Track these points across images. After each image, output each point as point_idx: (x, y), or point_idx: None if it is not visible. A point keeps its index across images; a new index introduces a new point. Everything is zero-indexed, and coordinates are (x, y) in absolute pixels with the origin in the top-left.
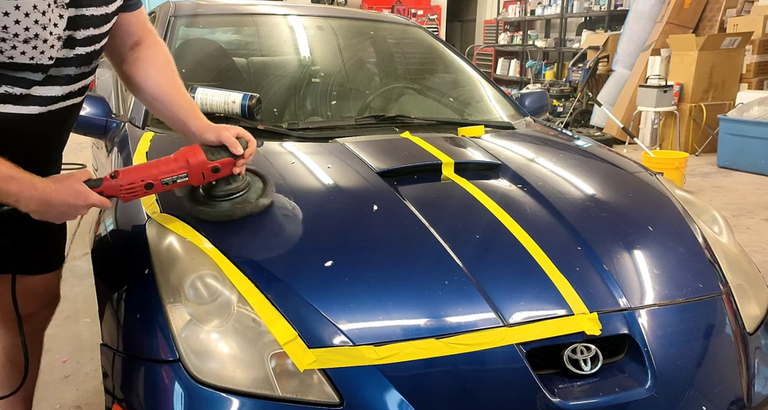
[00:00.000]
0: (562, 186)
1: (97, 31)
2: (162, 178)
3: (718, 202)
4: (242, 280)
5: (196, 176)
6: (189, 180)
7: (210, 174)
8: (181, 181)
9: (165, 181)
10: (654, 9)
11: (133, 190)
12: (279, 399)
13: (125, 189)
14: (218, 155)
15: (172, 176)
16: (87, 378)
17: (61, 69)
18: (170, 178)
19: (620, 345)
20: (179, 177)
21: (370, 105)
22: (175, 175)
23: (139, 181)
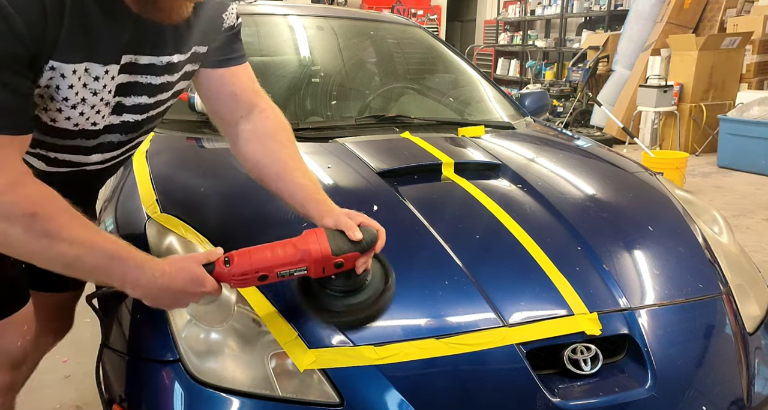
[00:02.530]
0: (562, 186)
1: (151, 100)
2: (278, 271)
3: (718, 202)
4: None
5: (316, 270)
6: (307, 273)
7: (331, 269)
8: (299, 273)
9: (281, 273)
10: (654, 9)
11: (245, 281)
12: (279, 399)
13: (237, 279)
14: (345, 247)
15: (290, 269)
16: (87, 378)
17: (106, 136)
18: (287, 271)
19: (620, 345)
20: (297, 270)
21: (370, 105)
22: (294, 268)
23: (254, 271)
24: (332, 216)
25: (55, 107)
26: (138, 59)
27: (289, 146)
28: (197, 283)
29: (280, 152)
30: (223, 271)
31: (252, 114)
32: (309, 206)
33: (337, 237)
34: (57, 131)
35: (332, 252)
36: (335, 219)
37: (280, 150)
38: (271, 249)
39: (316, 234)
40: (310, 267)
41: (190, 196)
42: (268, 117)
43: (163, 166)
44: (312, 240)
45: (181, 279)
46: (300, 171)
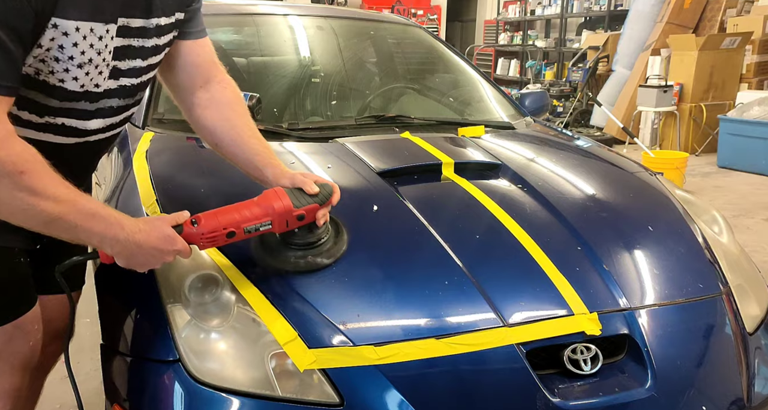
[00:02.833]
0: (562, 186)
1: (144, 63)
2: (245, 226)
3: (718, 202)
4: (242, 280)
5: (280, 223)
6: (272, 227)
7: (294, 221)
8: (264, 228)
9: (248, 229)
10: (654, 9)
11: (213, 239)
12: (279, 399)
13: (206, 237)
14: (303, 201)
15: (256, 224)
16: (87, 378)
17: (106, 101)
18: (253, 226)
19: (620, 345)
20: (262, 225)
21: (370, 105)
22: (259, 223)
23: (221, 228)
24: (287, 177)
25: (62, 68)
26: (130, 22)
27: (245, 116)
28: (169, 241)
29: (238, 120)
30: (192, 231)
31: (210, 84)
32: (265, 170)
33: (295, 193)
34: (64, 93)
35: (293, 205)
36: (291, 179)
37: (238, 118)
38: (236, 209)
39: (276, 192)
40: (274, 221)
41: (190, 196)
42: (225, 88)
43: (163, 166)
44: (273, 196)
45: (155, 236)
46: (256, 138)
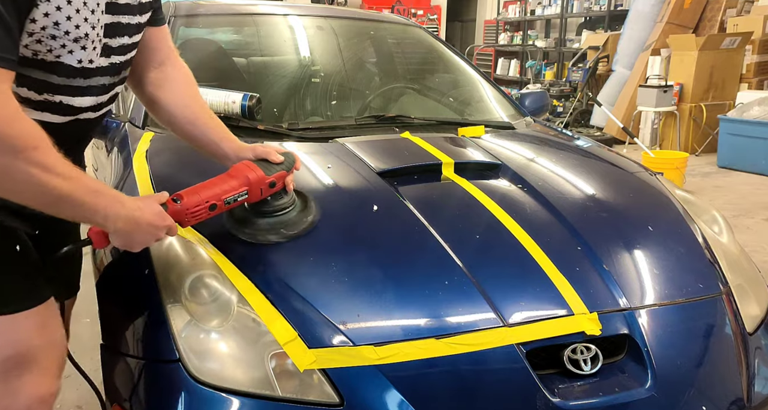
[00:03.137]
0: (562, 186)
1: (130, 41)
2: (225, 198)
3: (718, 201)
4: (242, 280)
5: (254, 192)
6: (248, 197)
7: (267, 189)
8: (242, 198)
9: (227, 200)
10: (654, 9)
11: (197, 213)
12: (279, 399)
13: (191, 213)
14: (273, 169)
15: (234, 194)
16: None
17: (98, 78)
18: (232, 197)
19: (620, 345)
20: (240, 195)
21: (370, 105)
22: (237, 193)
23: (204, 202)
24: (247, 149)
25: (59, 44)
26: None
27: (197, 95)
28: (161, 217)
29: (191, 99)
30: (177, 208)
31: (165, 65)
32: (223, 144)
33: (262, 163)
34: (63, 69)
35: (265, 174)
36: (252, 151)
37: (191, 97)
38: (214, 184)
39: (246, 164)
40: (250, 191)
41: None
42: (180, 69)
43: (163, 166)
44: (244, 168)
45: (149, 213)
46: (209, 115)
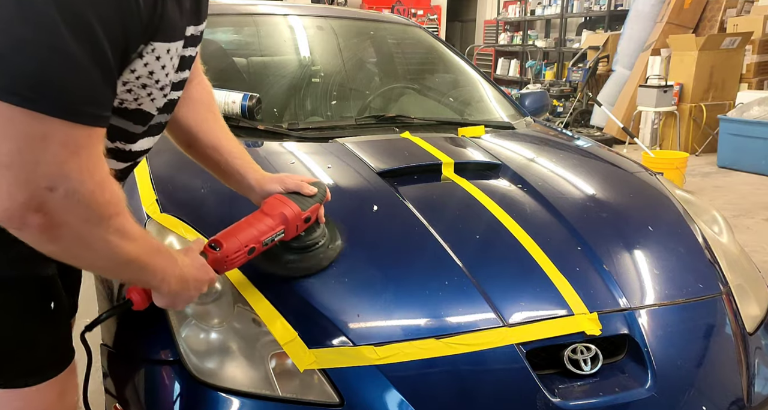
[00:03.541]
0: (562, 186)
1: (188, 74)
2: (263, 239)
3: (718, 202)
4: (242, 280)
5: (291, 230)
6: (284, 235)
7: (302, 225)
8: (279, 237)
9: (265, 241)
10: (654, 9)
11: (237, 259)
12: (279, 399)
13: (230, 259)
14: (307, 203)
15: (272, 235)
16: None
17: (158, 116)
18: (270, 238)
19: (620, 345)
20: (277, 234)
21: (370, 105)
22: (274, 233)
23: (243, 247)
24: (275, 181)
25: (146, 92)
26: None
27: (221, 119)
28: (205, 271)
29: (215, 123)
30: (217, 256)
31: (190, 83)
32: (248, 175)
33: (296, 196)
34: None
35: (300, 209)
36: (280, 183)
37: (215, 120)
38: (248, 224)
39: (279, 200)
40: (286, 229)
41: (190, 196)
42: (204, 88)
43: (163, 166)
44: (279, 204)
45: (196, 268)
46: (234, 142)
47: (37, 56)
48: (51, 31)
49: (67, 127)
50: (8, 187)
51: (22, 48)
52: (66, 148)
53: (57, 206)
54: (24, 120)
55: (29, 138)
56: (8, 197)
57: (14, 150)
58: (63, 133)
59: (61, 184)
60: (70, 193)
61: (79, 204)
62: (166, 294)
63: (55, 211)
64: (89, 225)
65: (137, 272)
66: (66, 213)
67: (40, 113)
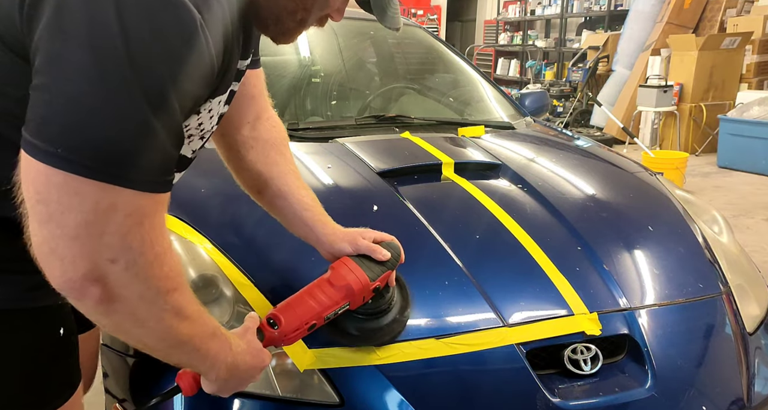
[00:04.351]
0: (562, 186)
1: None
2: (326, 315)
3: (718, 202)
4: (242, 280)
5: (357, 302)
6: (350, 307)
7: (370, 295)
8: (343, 310)
9: (328, 316)
10: (654, 9)
11: (295, 337)
12: (279, 400)
13: (289, 338)
14: (377, 270)
15: (336, 309)
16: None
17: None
18: (333, 312)
19: (620, 345)
20: (341, 308)
21: (370, 105)
22: (339, 307)
23: (304, 325)
24: (346, 239)
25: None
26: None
27: (291, 161)
28: (260, 358)
29: (285, 167)
30: (274, 335)
31: (259, 121)
32: (315, 228)
33: (366, 263)
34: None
35: (370, 280)
36: (351, 243)
37: (286, 164)
38: (311, 296)
39: (347, 266)
40: (352, 302)
41: (190, 196)
42: (274, 126)
43: None
44: (347, 273)
45: (251, 355)
46: (304, 189)
47: (112, 125)
48: (128, 98)
49: (134, 197)
50: (73, 258)
51: (96, 116)
52: (131, 218)
53: (116, 279)
54: (94, 191)
55: (98, 210)
56: (72, 268)
57: (81, 222)
58: (130, 202)
59: (122, 256)
60: (130, 265)
61: (137, 277)
62: (214, 381)
63: (113, 285)
64: (145, 301)
65: (187, 355)
66: (123, 288)
67: (112, 185)
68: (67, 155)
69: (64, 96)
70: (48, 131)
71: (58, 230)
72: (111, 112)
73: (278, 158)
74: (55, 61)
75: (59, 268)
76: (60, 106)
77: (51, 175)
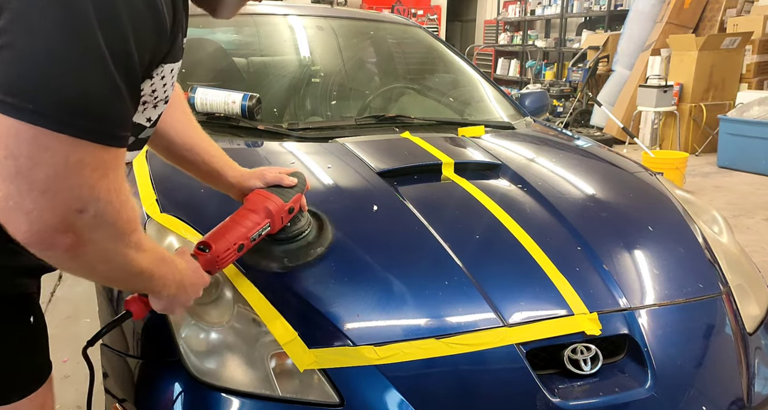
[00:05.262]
0: (562, 186)
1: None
2: (250, 235)
3: (718, 202)
4: (242, 280)
5: (276, 223)
6: (271, 228)
7: (287, 216)
8: (265, 231)
9: (253, 237)
10: (654, 9)
11: (227, 258)
12: (279, 399)
13: (221, 259)
14: (288, 194)
15: (258, 230)
16: (87, 378)
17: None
18: (257, 233)
19: (620, 345)
20: (263, 228)
21: (370, 105)
22: (261, 228)
23: (232, 245)
24: (254, 178)
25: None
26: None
27: (194, 119)
28: (199, 274)
29: (189, 123)
30: (207, 257)
31: None
32: (227, 173)
33: (276, 189)
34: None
35: (283, 201)
36: (261, 179)
37: (189, 121)
38: (234, 222)
39: (261, 195)
40: (272, 222)
41: (190, 196)
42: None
43: (163, 166)
44: (261, 199)
45: (191, 271)
46: (209, 141)
47: (80, 80)
48: (95, 54)
49: (100, 151)
50: (41, 212)
51: (66, 71)
52: (97, 171)
53: (85, 226)
54: (64, 146)
55: (67, 164)
56: (40, 221)
57: (51, 176)
58: (96, 156)
59: (91, 206)
60: (99, 214)
61: (106, 223)
62: (165, 298)
63: (83, 231)
64: (112, 241)
65: (145, 281)
66: (93, 233)
67: (81, 139)
68: (38, 109)
69: (33, 52)
70: (18, 86)
71: (26, 185)
72: (79, 68)
73: (181, 116)
74: (23, 19)
75: (25, 222)
76: (29, 62)
77: (21, 130)
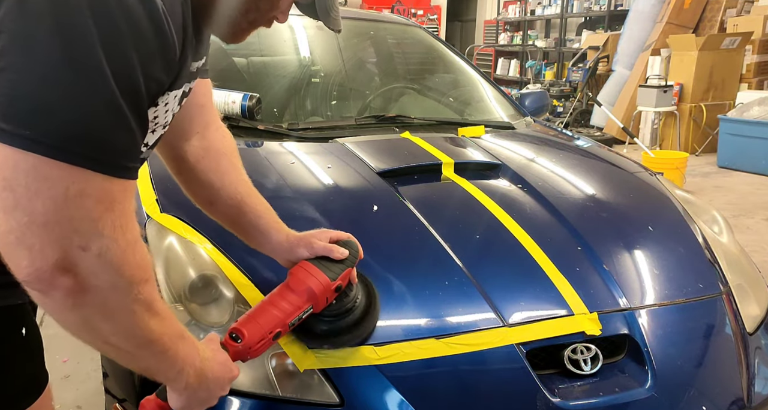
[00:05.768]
0: (562, 186)
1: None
2: (289, 321)
3: (718, 202)
4: (242, 280)
5: (320, 304)
6: (314, 310)
7: (332, 295)
8: (306, 315)
9: (292, 322)
10: (654, 9)
11: (261, 348)
12: (279, 399)
13: (254, 350)
14: (336, 270)
15: (299, 314)
16: (87, 378)
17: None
18: (297, 318)
19: (620, 345)
20: (305, 312)
21: (370, 105)
22: (302, 312)
23: (267, 334)
24: (301, 246)
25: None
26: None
27: (243, 170)
28: (227, 368)
29: (236, 176)
30: (239, 349)
31: (209, 130)
32: (271, 236)
33: (325, 263)
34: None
35: (330, 280)
36: (307, 246)
37: (236, 174)
38: (272, 304)
39: (305, 269)
40: (315, 305)
41: None
42: (224, 136)
43: (163, 166)
44: (305, 275)
45: (217, 364)
46: (257, 197)
47: (82, 107)
48: (98, 80)
49: (103, 181)
50: (41, 246)
51: (67, 97)
52: (101, 204)
53: (88, 267)
54: (64, 175)
55: (68, 194)
56: (41, 256)
57: (51, 208)
58: (99, 187)
59: (94, 243)
60: (102, 253)
61: (110, 265)
62: (183, 390)
63: (85, 274)
64: (117, 292)
65: (156, 356)
66: (95, 277)
67: (82, 168)
68: (36, 137)
69: (33, 76)
70: (16, 113)
71: (26, 217)
72: (82, 93)
73: (229, 167)
74: (22, 42)
75: (27, 258)
76: (29, 87)
77: (19, 159)
